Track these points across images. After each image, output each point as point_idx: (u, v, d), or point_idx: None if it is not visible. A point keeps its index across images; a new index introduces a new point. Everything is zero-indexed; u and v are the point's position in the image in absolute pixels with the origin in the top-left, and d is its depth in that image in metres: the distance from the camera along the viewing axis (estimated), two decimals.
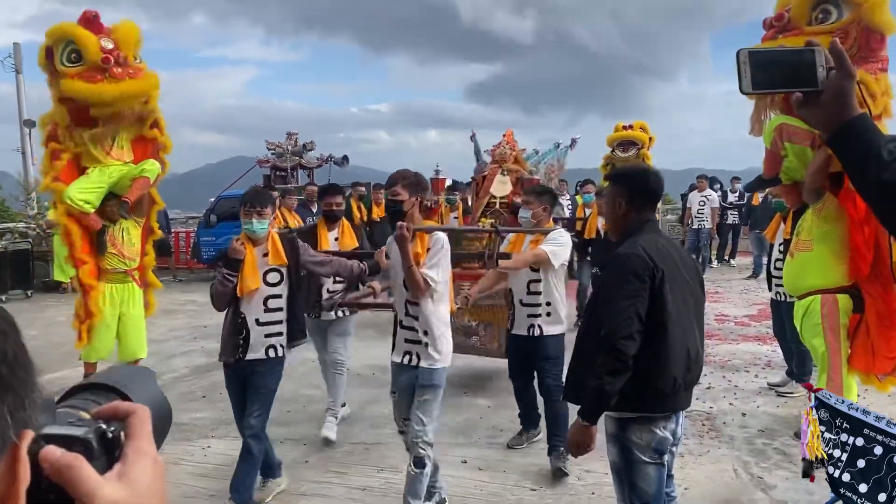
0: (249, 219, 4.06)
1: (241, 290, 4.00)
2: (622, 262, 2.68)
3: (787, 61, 1.35)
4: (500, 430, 5.34)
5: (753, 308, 10.17)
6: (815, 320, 4.86)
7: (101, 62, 5.52)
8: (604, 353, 2.58)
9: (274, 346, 4.11)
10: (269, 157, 14.98)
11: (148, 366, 7.48)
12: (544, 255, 4.53)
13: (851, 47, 4.51)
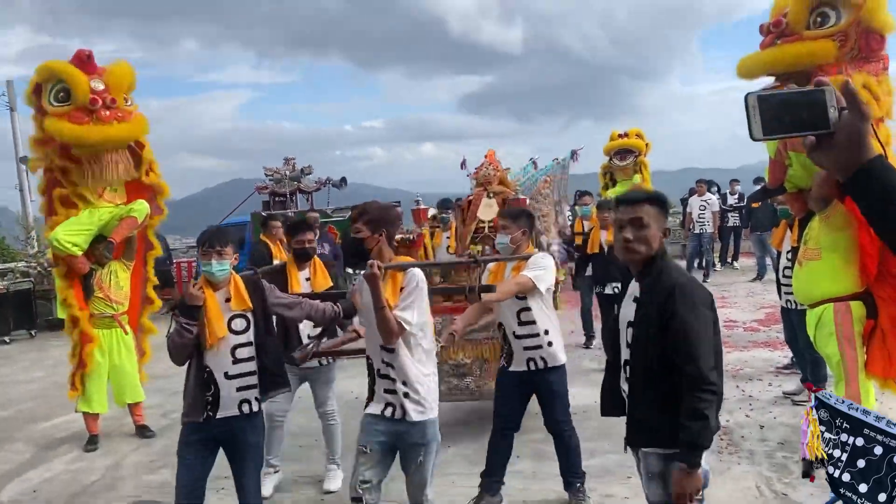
0: (208, 259, 3.63)
1: (205, 340, 3.56)
2: (692, 293, 2.64)
3: (798, 103, 1.30)
4: (516, 456, 5.25)
5: (761, 312, 10.11)
6: (828, 329, 4.79)
7: (89, 103, 5.49)
8: (699, 390, 2.53)
9: (248, 401, 3.67)
10: (267, 183, 14.94)
11: (154, 402, 7.44)
12: (529, 281, 4.24)
13: (852, 49, 4.48)
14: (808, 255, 4.86)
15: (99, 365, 5.92)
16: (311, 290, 4.78)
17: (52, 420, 7.09)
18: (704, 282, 13.04)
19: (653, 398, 2.67)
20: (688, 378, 2.54)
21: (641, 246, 2.71)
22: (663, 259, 2.74)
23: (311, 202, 15.18)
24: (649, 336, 2.67)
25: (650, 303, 2.68)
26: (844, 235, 4.66)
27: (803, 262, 4.90)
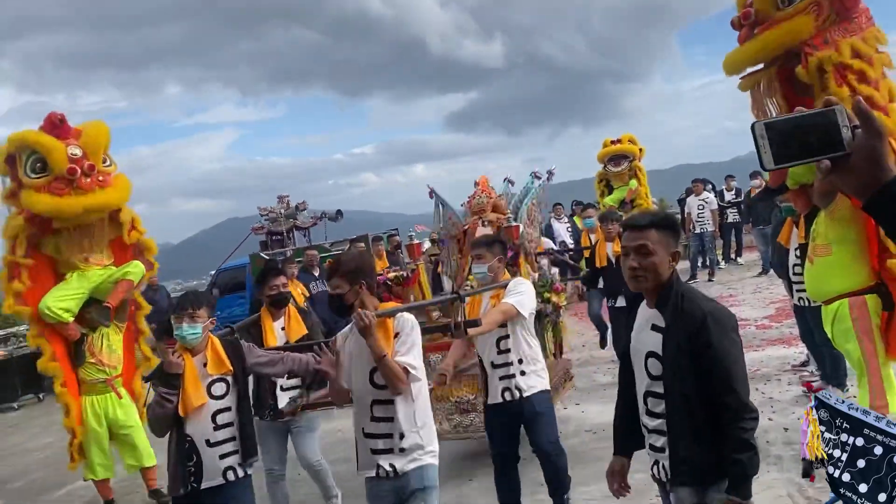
0: (179, 323, 3.52)
1: (184, 408, 3.45)
2: (724, 320, 2.58)
3: (808, 126, 1.23)
4: (540, 484, 5.15)
5: (771, 308, 10.00)
6: (845, 325, 4.70)
7: (67, 173, 5.34)
8: (743, 420, 2.48)
9: (233, 468, 3.57)
10: (262, 223, 14.94)
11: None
12: (512, 308, 4.21)
13: (829, 16, 4.41)
14: (817, 251, 4.77)
15: (95, 432, 5.73)
16: (286, 340, 4.70)
17: (65, 487, 6.98)
18: (710, 281, 12.96)
19: (695, 433, 2.57)
20: (729, 409, 2.48)
21: (648, 274, 2.62)
22: (678, 285, 2.64)
23: (308, 238, 15.18)
24: (682, 366, 2.57)
25: (680, 333, 2.57)
26: (852, 228, 4.58)
27: (814, 259, 4.81)
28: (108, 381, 5.85)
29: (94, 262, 5.73)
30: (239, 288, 14.30)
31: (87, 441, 5.72)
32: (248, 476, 3.67)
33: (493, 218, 6.37)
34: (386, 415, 3.21)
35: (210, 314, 3.67)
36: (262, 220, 14.97)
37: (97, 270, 5.73)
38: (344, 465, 6.28)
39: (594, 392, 7.06)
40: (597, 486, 4.92)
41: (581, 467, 5.32)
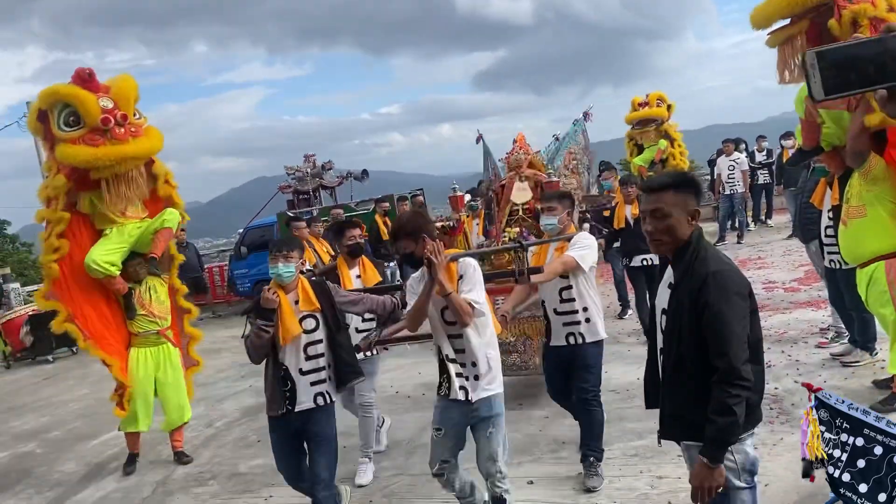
0: (276, 263, 3.98)
1: (283, 338, 3.88)
2: (724, 281, 2.48)
3: (863, 56, 1.18)
4: (561, 443, 5.20)
5: (800, 271, 9.87)
6: (881, 288, 4.61)
7: (101, 124, 5.36)
8: (729, 384, 2.41)
9: (322, 394, 4.00)
10: (289, 182, 14.99)
11: (199, 413, 7.49)
12: (573, 261, 4.42)
13: None
14: (851, 213, 4.66)
15: (143, 385, 5.83)
16: (362, 286, 5.01)
17: (100, 437, 7.18)
18: (738, 243, 12.81)
19: (686, 390, 2.56)
20: (718, 371, 2.44)
21: (665, 236, 2.60)
22: (698, 244, 2.60)
23: (334, 197, 15.23)
24: (682, 325, 2.56)
25: (684, 291, 2.56)
26: (886, 187, 4.47)
27: (847, 221, 4.70)
28: (161, 332, 5.98)
29: (130, 216, 5.78)
30: (266, 246, 14.42)
31: (134, 393, 5.81)
32: (333, 403, 4.10)
33: (529, 174, 6.53)
34: (460, 347, 3.65)
35: (300, 256, 4.14)
36: (289, 179, 15.03)
37: (134, 223, 5.79)
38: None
39: (618, 353, 7.06)
40: (619, 446, 4.98)
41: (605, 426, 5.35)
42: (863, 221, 4.56)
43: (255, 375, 9.03)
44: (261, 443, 6.30)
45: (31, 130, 5.81)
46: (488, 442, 3.67)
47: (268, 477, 5.46)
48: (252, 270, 14.61)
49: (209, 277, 16.21)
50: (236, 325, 13.65)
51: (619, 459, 4.77)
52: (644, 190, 2.76)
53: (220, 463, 5.97)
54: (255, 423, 6.94)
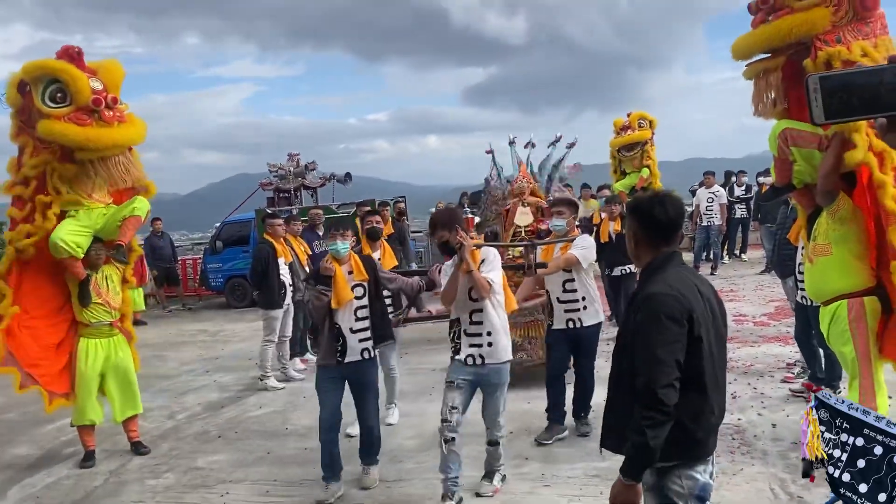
0: (334, 240, 4.79)
1: (337, 302, 4.69)
2: (656, 304, 2.47)
3: (865, 84, 1.20)
4: (524, 458, 5.18)
5: (771, 306, 9.99)
6: (842, 326, 4.70)
7: (92, 104, 5.25)
8: (644, 405, 2.41)
9: (367, 349, 4.82)
10: (271, 179, 14.88)
11: (160, 404, 7.39)
12: (574, 258, 5.36)
13: (847, 13, 4.36)
14: (817, 251, 4.76)
15: (90, 377, 5.65)
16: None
17: (56, 422, 7.02)
18: (712, 275, 12.94)
19: (622, 404, 2.57)
20: (637, 391, 2.45)
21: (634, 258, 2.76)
22: (660, 266, 2.62)
23: (315, 198, 15.14)
24: (626, 344, 2.60)
25: (632, 309, 2.61)
26: (853, 228, 4.57)
27: (814, 259, 4.80)
28: (114, 324, 5.79)
29: (97, 200, 5.63)
30: (242, 242, 14.29)
31: (80, 386, 5.63)
32: (376, 357, 4.99)
33: (531, 201, 7.49)
34: (479, 319, 4.47)
35: (353, 235, 5.02)
36: (272, 176, 14.92)
37: (100, 209, 5.64)
38: None
39: None
40: (581, 465, 4.97)
41: (567, 444, 5.38)
42: (828, 259, 4.65)
43: (220, 371, 8.95)
44: (221, 438, 6.23)
45: (7, 101, 5.61)
46: (495, 401, 4.58)
47: (225, 473, 5.39)
48: (226, 265, 14.48)
49: (182, 270, 16.04)
50: (205, 319, 13.53)
51: (580, 479, 4.76)
52: (630, 211, 2.80)
53: (177, 456, 5.88)
54: (217, 419, 6.86)
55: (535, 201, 7.46)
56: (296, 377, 8.10)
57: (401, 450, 5.55)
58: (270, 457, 5.66)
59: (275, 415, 6.82)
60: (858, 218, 4.54)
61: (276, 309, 7.84)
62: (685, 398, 2.45)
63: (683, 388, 2.44)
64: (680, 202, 2.76)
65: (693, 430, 2.50)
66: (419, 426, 6.04)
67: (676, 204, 2.69)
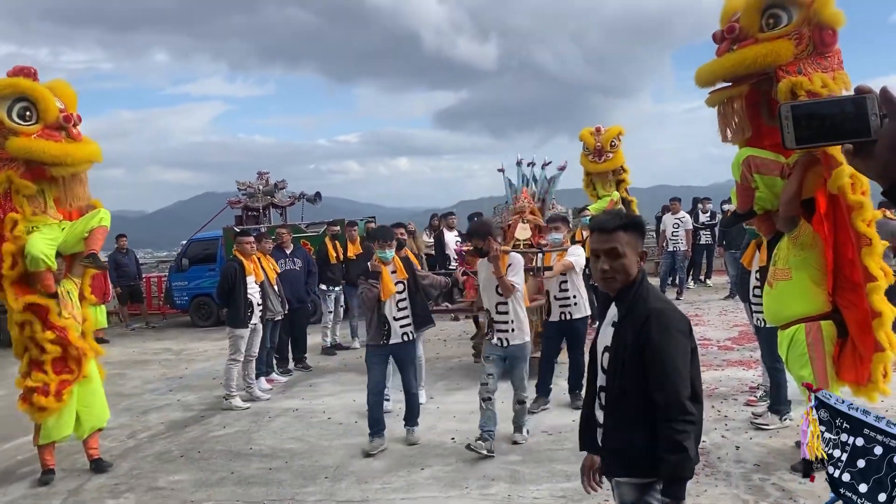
0: (383, 249, 5.96)
1: (385, 294, 5.87)
2: (668, 319, 2.54)
3: (835, 112, 1.27)
4: (490, 479, 5.17)
5: (735, 330, 10.14)
6: (800, 350, 4.80)
7: (64, 121, 5.30)
8: (674, 420, 2.43)
9: (407, 333, 6.05)
10: (239, 197, 14.78)
11: (122, 423, 7.24)
12: (570, 264, 6.85)
13: (807, 46, 4.52)
14: (777, 275, 4.87)
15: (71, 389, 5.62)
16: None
17: (13, 441, 6.86)
18: (678, 300, 13.10)
19: (627, 426, 2.59)
20: (660, 406, 2.47)
21: (618, 275, 2.66)
22: (643, 283, 2.66)
23: (284, 217, 15.05)
24: (625, 361, 2.59)
25: (627, 328, 2.61)
26: (813, 254, 4.70)
27: (773, 283, 4.91)
28: (81, 336, 5.75)
29: (51, 216, 5.60)
30: (209, 260, 14.13)
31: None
32: (415, 339, 6.33)
33: (531, 218, 8.47)
34: (504, 311, 5.73)
35: (395, 245, 6.17)
36: (240, 194, 14.81)
37: (55, 224, 5.62)
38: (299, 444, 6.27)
39: (553, 395, 7.10)
40: (547, 486, 4.98)
41: (534, 465, 5.37)
42: (788, 284, 4.77)
43: (183, 390, 8.81)
44: (184, 458, 6.13)
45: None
46: (519, 371, 5.83)
47: (187, 493, 5.30)
48: (191, 283, 14.30)
49: (146, 287, 15.81)
50: (169, 338, 13.33)
51: (545, 500, 4.76)
52: (597, 230, 2.78)
53: (138, 476, 5.76)
54: (180, 438, 6.74)
55: (534, 219, 8.51)
56: (261, 397, 7.99)
57: (368, 470, 5.50)
58: (234, 477, 5.57)
59: (239, 434, 6.73)
60: (818, 244, 4.67)
61: (242, 328, 7.76)
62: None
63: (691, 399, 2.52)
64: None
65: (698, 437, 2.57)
66: (387, 447, 6.00)
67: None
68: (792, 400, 5.98)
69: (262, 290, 8.04)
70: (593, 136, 12.36)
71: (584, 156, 12.61)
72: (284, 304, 8.46)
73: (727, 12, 4.77)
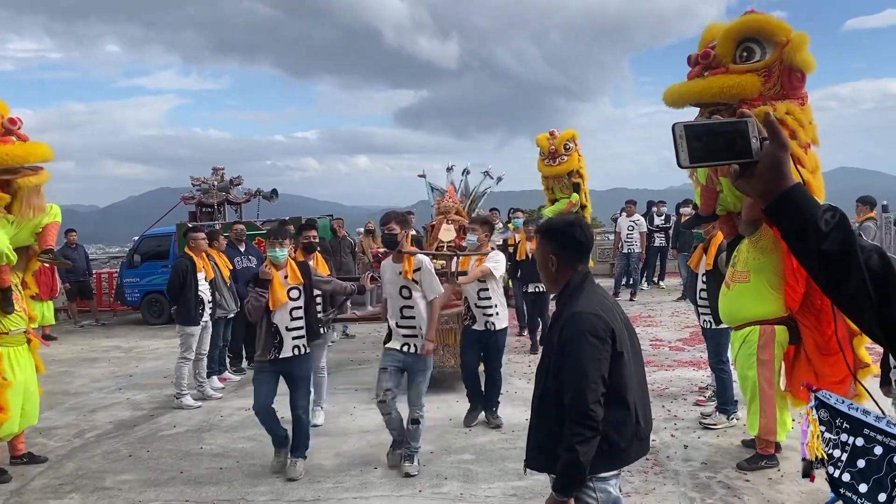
0: (273, 248, 5.26)
1: (273, 303, 5.17)
2: (581, 323, 2.55)
3: (722, 133, 1.34)
4: (444, 478, 5.19)
5: (686, 331, 10.33)
6: (750, 350, 4.92)
7: (10, 123, 5.33)
8: (573, 422, 2.47)
9: (299, 346, 5.32)
10: (194, 193, 14.53)
11: (68, 422, 7.08)
12: (488, 270, 6.21)
13: (774, 85, 4.62)
14: (736, 277, 4.97)
15: (18, 384, 5.51)
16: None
17: None
18: (631, 301, 13.28)
19: (548, 424, 2.63)
20: (565, 407, 2.51)
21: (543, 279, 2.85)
22: (578, 287, 2.70)
23: (240, 214, 14.83)
24: (550, 363, 2.65)
25: (554, 329, 2.68)
26: (772, 259, 4.81)
27: (731, 285, 5.00)
28: (28, 332, 5.70)
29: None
30: (162, 256, 13.87)
31: (14, 396, 5.47)
32: (308, 352, 5.44)
33: (455, 219, 8.13)
34: (410, 315, 5.29)
35: (292, 243, 5.61)
36: (195, 190, 14.56)
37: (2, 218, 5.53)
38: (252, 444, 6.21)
39: (509, 395, 7.14)
40: (499, 485, 5.00)
41: (487, 464, 5.40)
42: (745, 287, 4.87)
43: (132, 388, 8.64)
44: (132, 457, 6.00)
45: None
46: (418, 386, 5.29)
47: (135, 493, 5.19)
48: (143, 280, 14.03)
49: (96, 283, 15.46)
50: (119, 335, 13.06)
51: (497, 499, 4.78)
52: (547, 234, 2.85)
53: (84, 476, 5.63)
54: (128, 437, 6.60)
55: (458, 220, 8.07)
56: (213, 396, 7.88)
57: (319, 470, 5.46)
58: (183, 476, 5.48)
59: (189, 434, 6.62)
60: (778, 249, 4.78)
61: (193, 325, 7.64)
62: (610, 411, 2.53)
63: (608, 401, 2.52)
64: (589, 225, 2.97)
65: (616, 441, 2.57)
66: (338, 446, 5.97)
67: (589, 226, 2.90)
68: (738, 400, 6.12)
69: (215, 287, 7.93)
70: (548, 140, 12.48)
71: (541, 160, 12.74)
72: (237, 301, 8.35)
73: (707, 37, 4.83)
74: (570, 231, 2.77)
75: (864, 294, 1.26)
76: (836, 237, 1.27)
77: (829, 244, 1.27)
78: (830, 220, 1.28)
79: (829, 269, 1.29)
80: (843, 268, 1.27)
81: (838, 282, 1.29)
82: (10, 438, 5.70)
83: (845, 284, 1.28)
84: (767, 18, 4.68)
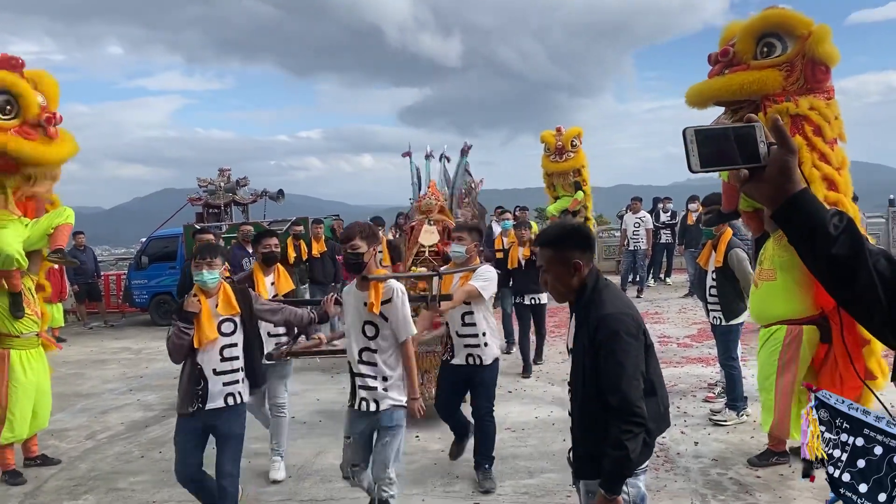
0: (200, 270, 4.08)
1: (198, 342, 4.02)
2: (614, 323, 2.57)
3: (730, 138, 1.36)
4: (455, 476, 5.21)
5: (694, 328, 10.33)
6: (775, 347, 4.80)
7: (45, 121, 5.27)
8: (622, 421, 2.49)
9: (233, 395, 4.13)
10: (200, 194, 14.59)
11: (80, 423, 7.12)
12: (475, 290, 4.86)
13: (798, 80, 4.56)
14: (763, 275, 4.88)
15: (27, 386, 5.52)
16: (275, 294, 5.26)
17: None
18: (637, 297, 13.28)
19: (596, 430, 2.63)
20: (611, 408, 2.53)
21: (554, 290, 2.78)
22: (594, 289, 2.71)
23: (246, 214, 14.88)
24: (584, 367, 2.65)
25: (583, 334, 2.68)
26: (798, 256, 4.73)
27: (759, 283, 4.92)
28: (40, 335, 5.71)
29: (11, 211, 5.52)
30: (169, 258, 13.94)
31: (21, 398, 5.48)
32: (243, 403, 4.23)
33: (438, 219, 6.86)
34: (371, 360, 3.96)
35: (223, 263, 4.25)
36: (201, 191, 14.62)
37: (17, 220, 5.53)
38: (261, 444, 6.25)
39: (516, 393, 7.17)
40: (510, 483, 5.02)
41: (498, 462, 5.39)
42: (773, 285, 4.77)
43: (144, 390, 8.68)
44: (144, 458, 6.04)
45: None
46: (384, 449, 3.97)
47: (148, 494, 5.23)
48: (151, 282, 14.09)
49: (104, 285, 15.53)
50: (128, 337, 13.12)
51: (509, 497, 4.81)
52: (535, 244, 2.88)
53: (97, 477, 5.67)
54: (140, 438, 6.65)
55: (442, 219, 6.88)
56: None
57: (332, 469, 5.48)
58: None
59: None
60: None
61: None
62: (648, 404, 2.56)
63: (646, 395, 2.56)
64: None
65: (654, 433, 2.63)
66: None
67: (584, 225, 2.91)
68: (748, 396, 6.13)
69: None
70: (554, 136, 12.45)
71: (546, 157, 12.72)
72: None
73: (727, 35, 4.78)
74: (583, 231, 2.82)
75: (873, 298, 1.27)
76: (844, 241, 1.29)
77: (839, 248, 1.28)
78: (839, 224, 1.30)
79: (839, 273, 1.31)
80: (852, 271, 1.29)
81: (848, 285, 1.30)
82: (12, 442, 5.65)
83: (855, 288, 1.29)
84: (788, 12, 4.60)
